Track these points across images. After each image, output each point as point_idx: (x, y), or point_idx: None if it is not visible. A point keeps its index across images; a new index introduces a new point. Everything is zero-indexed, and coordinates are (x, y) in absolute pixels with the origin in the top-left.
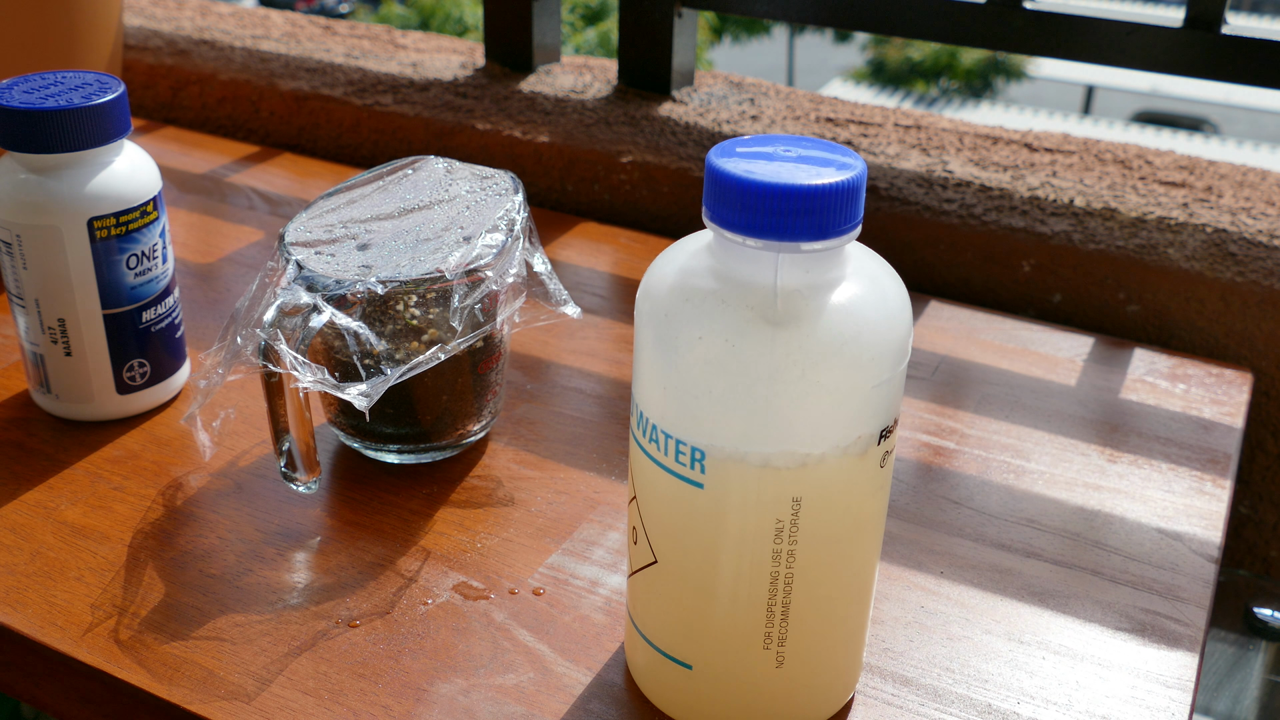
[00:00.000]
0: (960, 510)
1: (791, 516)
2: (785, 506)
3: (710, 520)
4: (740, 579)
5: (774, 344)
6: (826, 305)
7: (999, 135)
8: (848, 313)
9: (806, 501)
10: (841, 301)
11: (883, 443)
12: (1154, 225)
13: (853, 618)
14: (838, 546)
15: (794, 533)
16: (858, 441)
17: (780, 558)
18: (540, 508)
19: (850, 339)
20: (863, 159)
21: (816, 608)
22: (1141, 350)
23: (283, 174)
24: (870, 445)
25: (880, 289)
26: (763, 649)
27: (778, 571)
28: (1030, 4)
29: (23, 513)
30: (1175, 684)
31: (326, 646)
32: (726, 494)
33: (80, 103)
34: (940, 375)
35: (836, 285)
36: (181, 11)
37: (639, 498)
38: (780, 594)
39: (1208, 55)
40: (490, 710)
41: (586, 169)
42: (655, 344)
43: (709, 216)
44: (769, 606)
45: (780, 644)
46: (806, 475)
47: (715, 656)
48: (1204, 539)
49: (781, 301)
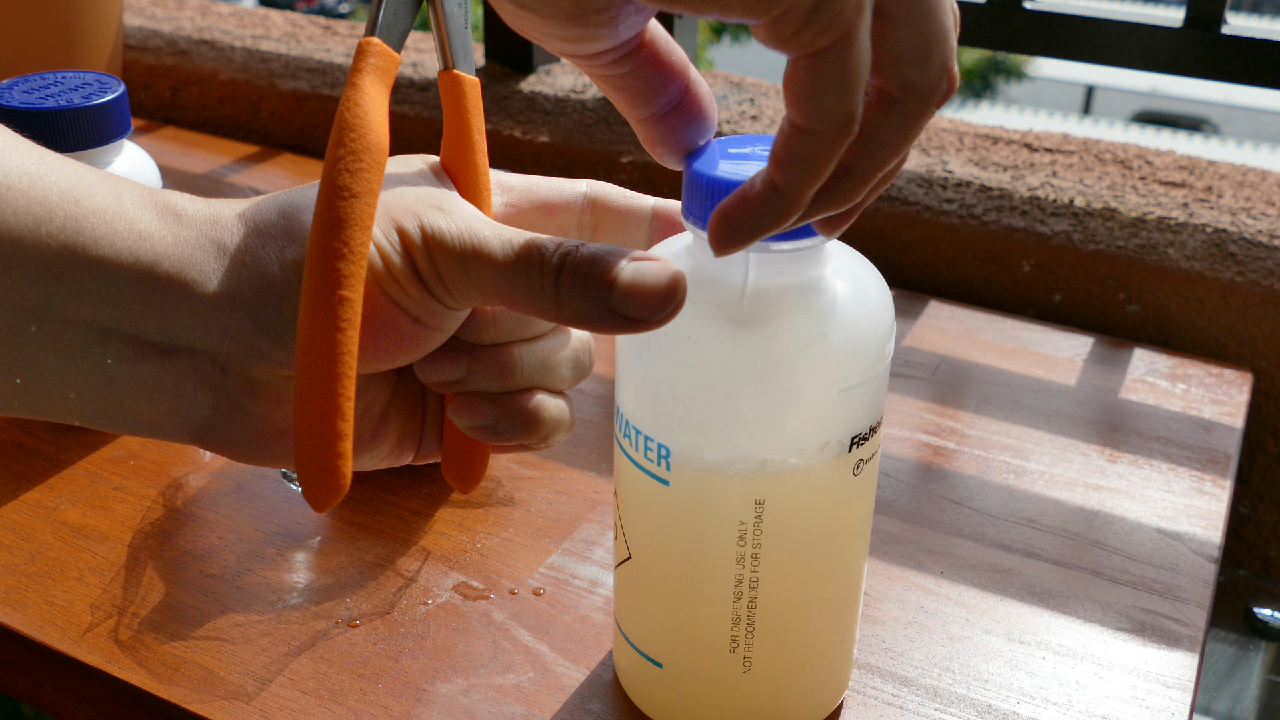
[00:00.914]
0: (960, 510)
1: (755, 519)
2: (748, 509)
3: (675, 518)
4: (704, 580)
5: (734, 343)
6: (793, 305)
7: (999, 135)
8: (815, 313)
9: (770, 505)
10: (810, 302)
11: (856, 450)
12: (1154, 225)
13: (830, 628)
14: (807, 554)
15: (758, 536)
16: (825, 448)
17: (744, 560)
18: (540, 508)
19: (814, 340)
20: None
21: (786, 615)
22: (1141, 350)
23: (283, 174)
24: (840, 452)
25: (859, 290)
26: (729, 653)
27: (742, 574)
28: (1030, 4)
29: (23, 513)
30: (1175, 684)
31: (326, 646)
32: (690, 493)
33: (80, 103)
34: (940, 375)
35: (811, 286)
36: (181, 11)
37: (618, 492)
38: (745, 598)
39: (1208, 55)
40: (490, 710)
41: (586, 169)
42: (628, 339)
43: (683, 213)
44: (734, 610)
45: (747, 649)
46: (769, 479)
47: (683, 657)
48: (1204, 539)
49: (747, 300)
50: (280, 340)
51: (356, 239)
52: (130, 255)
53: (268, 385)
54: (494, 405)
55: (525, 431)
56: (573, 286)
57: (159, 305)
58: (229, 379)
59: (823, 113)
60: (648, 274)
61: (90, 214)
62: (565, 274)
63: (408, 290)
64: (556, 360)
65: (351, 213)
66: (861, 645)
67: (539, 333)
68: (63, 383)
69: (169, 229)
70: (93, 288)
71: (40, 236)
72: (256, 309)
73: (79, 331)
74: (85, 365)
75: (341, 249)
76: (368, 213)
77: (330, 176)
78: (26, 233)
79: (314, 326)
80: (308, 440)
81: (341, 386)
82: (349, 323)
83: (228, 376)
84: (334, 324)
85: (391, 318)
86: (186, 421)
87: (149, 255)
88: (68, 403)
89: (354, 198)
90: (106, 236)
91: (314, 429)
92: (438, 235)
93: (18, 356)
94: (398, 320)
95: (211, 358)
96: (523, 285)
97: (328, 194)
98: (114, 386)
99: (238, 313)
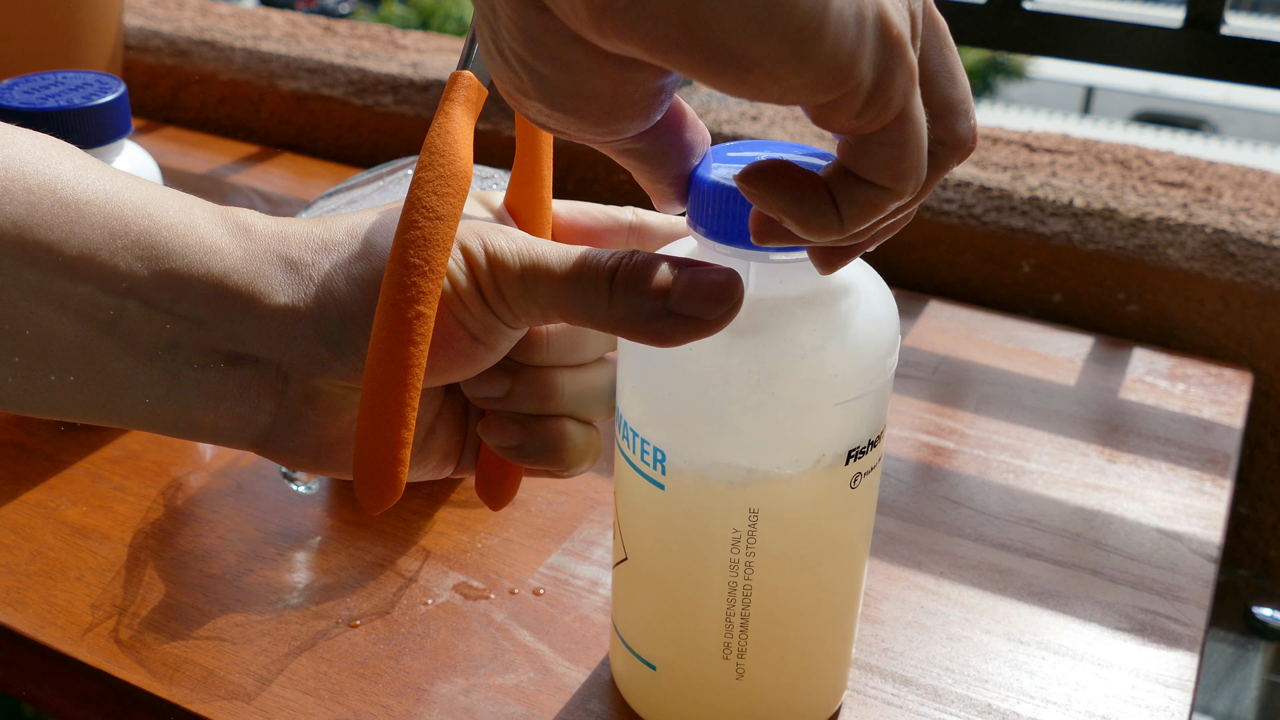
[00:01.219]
0: (960, 510)
1: (749, 528)
2: (741, 517)
3: (669, 523)
4: (697, 585)
5: (730, 351)
6: (792, 316)
7: (999, 135)
8: (814, 325)
9: (764, 515)
10: (809, 313)
11: (853, 463)
12: (1154, 225)
13: (825, 638)
14: (802, 564)
15: (751, 544)
16: (820, 460)
17: (738, 568)
18: (540, 508)
19: (811, 351)
20: None
21: (780, 623)
22: (1141, 350)
23: (283, 174)
24: (837, 465)
25: (861, 303)
26: (721, 659)
27: (735, 582)
28: (1030, 4)
29: (23, 513)
30: (1175, 684)
31: (326, 646)
32: (684, 498)
33: (80, 103)
34: (940, 375)
35: (812, 296)
36: (182, 12)
37: (616, 492)
38: (739, 605)
39: (1208, 55)
40: (490, 710)
41: (586, 169)
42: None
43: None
44: (727, 617)
45: (740, 656)
46: (762, 488)
47: (676, 661)
48: (1204, 539)
49: (745, 309)
50: (341, 352)
51: (437, 258)
52: (202, 268)
53: (327, 395)
54: (522, 428)
55: (551, 457)
56: (628, 289)
57: (228, 315)
58: (291, 388)
59: (897, 176)
60: (706, 272)
61: (164, 229)
62: (620, 278)
63: (470, 309)
64: (596, 390)
65: (435, 233)
66: (861, 645)
67: (585, 360)
68: (133, 390)
69: (239, 243)
70: (165, 299)
71: (116, 250)
72: (321, 321)
73: (151, 341)
74: (155, 372)
75: (423, 266)
76: (449, 235)
77: (417, 198)
78: (103, 246)
79: (389, 337)
80: (371, 444)
81: (409, 397)
82: (422, 337)
83: (290, 385)
84: (409, 337)
85: (453, 334)
86: (250, 427)
87: (219, 268)
88: (138, 409)
89: (439, 220)
90: (179, 250)
91: (379, 434)
92: (500, 254)
93: (91, 365)
94: (458, 337)
95: (276, 367)
96: (578, 294)
97: (413, 213)
98: (182, 393)
99: (302, 324)
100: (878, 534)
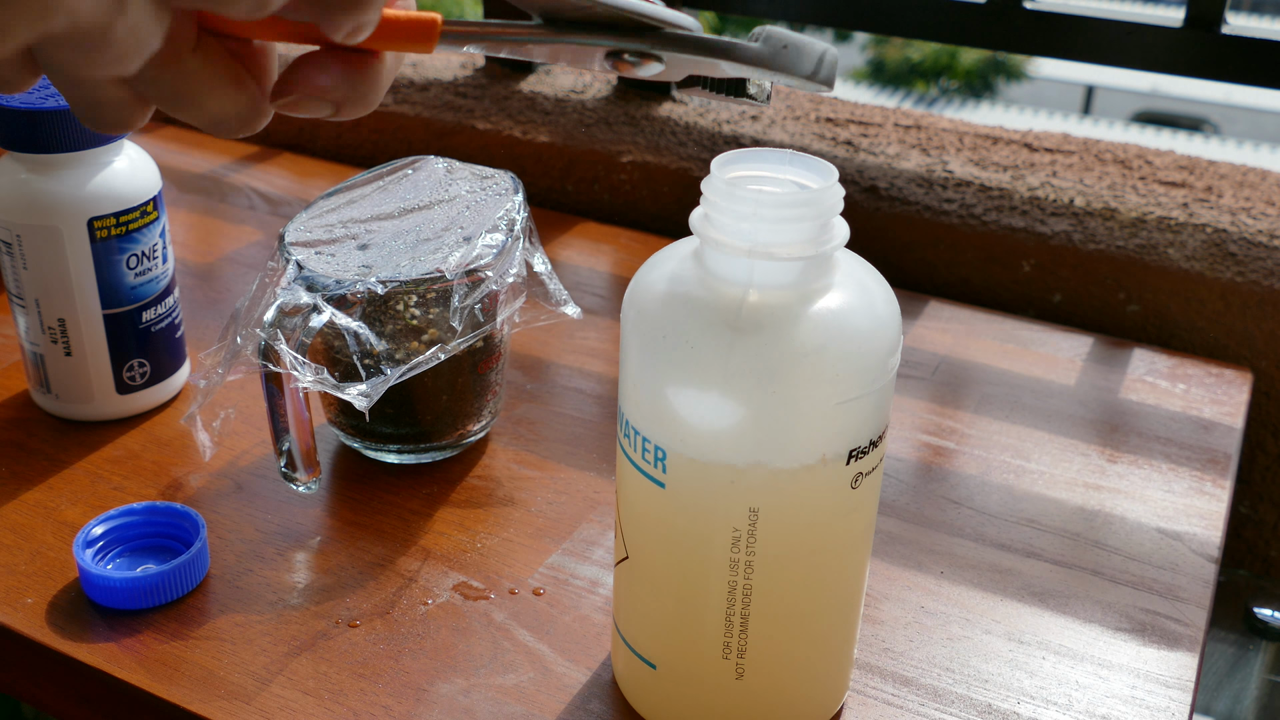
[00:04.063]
0: (960, 510)
1: (749, 527)
2: (742, 516)
3: (670, 522)
4: (697, 584)
5: (731, 349)
6: (794, 315)
7: (999, 135)
8: (816, 324)
9: (765, 514)
10: (811, 312)
11: (854, 463)
12: (1154, 225)
13: (826, 638)
14: (803, 564)
15: (751, 544)
16: (821, 460)
17: (738, 568)
18: (540, 508)
19: (813, 351)
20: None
21: (779, 624)
22: (1141, 350)
23: (283, 174)
24: (838, 465)
25: (864, 302)
26: (721, 659)
27: (735, 581)
28: (1030, 4)
29: (23, 513)
30: (1175, 684)
31: (326, 646)
32: (684, 496)
33: None
34: (940, 375)
35: (816, 295)
36: None
37: (618, 491)
38: (739, 605)
39: (1208, 55)
40: (490, 710)
41: (587, 169)
42: (631, 339)
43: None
44: (727, 616)
45: (740, 655)
46: (762, 487)
47: (676, 660)
48: (1204, 539)
49: (747, 307)
50: None
51: None
52: None
53: None
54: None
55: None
56: None
57: None
58: None
59: None
60: None
61: None
62: None
63: None
64: None
65: None
66: (861, 645)
67: None
68: None
69: None
70: None
71: None
72: None
73: None
74: None
75: None
76: None
77: None
78: None
79: None
80: None
81: None
82: None
83: None
84: None
85: None
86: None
87: None
88: None
89: None
90: None
91: None
92: None
93: None
94: None
95: None
96: None
97: None
98: None
99: None
100: (878, 534)
